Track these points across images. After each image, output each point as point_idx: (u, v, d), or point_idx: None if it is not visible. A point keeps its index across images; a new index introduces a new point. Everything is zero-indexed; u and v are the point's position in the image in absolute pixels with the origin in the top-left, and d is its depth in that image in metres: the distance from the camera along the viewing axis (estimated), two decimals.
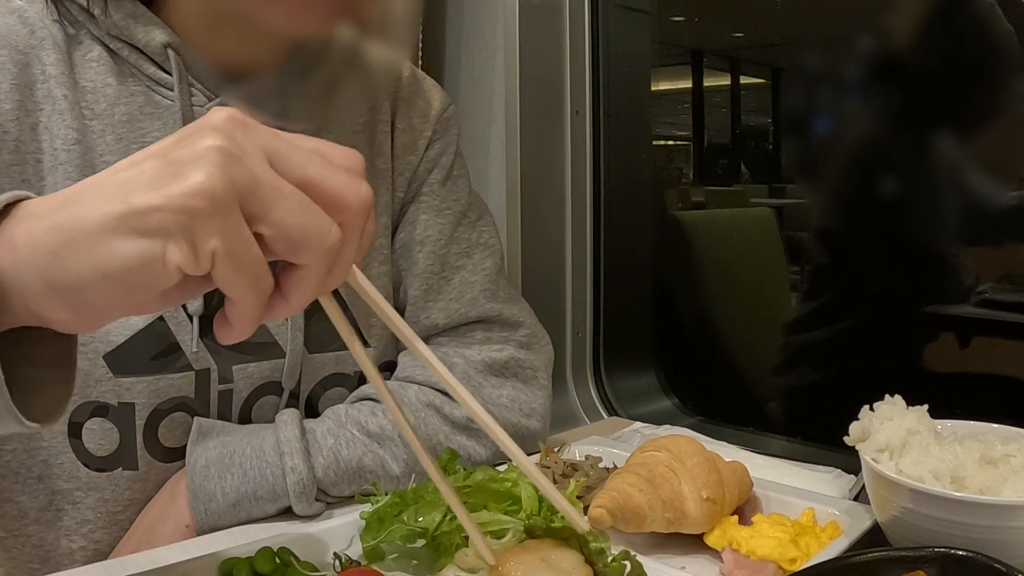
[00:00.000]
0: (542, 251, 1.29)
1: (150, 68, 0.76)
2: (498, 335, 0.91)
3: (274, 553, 0.64)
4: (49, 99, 0.73)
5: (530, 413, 0.89)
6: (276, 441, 0.78)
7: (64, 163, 0.73)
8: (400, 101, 0.92)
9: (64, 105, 0.73)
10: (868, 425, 0.70)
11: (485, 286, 0.91)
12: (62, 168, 0.73)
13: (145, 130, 0.76)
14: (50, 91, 0.73)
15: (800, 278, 1.36)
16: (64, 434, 0.75)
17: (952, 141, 1.13)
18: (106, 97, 0.75)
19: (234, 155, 0.44)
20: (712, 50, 1.50)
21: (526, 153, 1.25)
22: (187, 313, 0.77)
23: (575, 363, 1.34)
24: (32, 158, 0.72)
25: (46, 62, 0.74)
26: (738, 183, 1.50)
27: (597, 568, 0.57)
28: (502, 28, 1.24)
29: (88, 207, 0.44)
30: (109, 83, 0.76)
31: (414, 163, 0.92)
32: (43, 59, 0.74)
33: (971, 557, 0.57)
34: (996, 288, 1.12)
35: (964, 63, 1.10)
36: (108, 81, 0.76)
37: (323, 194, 0.46)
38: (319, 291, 0.48)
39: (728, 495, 0.73)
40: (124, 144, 0.76)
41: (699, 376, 1.42)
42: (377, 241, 0.89)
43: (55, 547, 0.77)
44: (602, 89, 1.31)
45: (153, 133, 0.77)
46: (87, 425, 0.75)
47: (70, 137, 0.73)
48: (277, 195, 0.45)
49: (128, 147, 0.76)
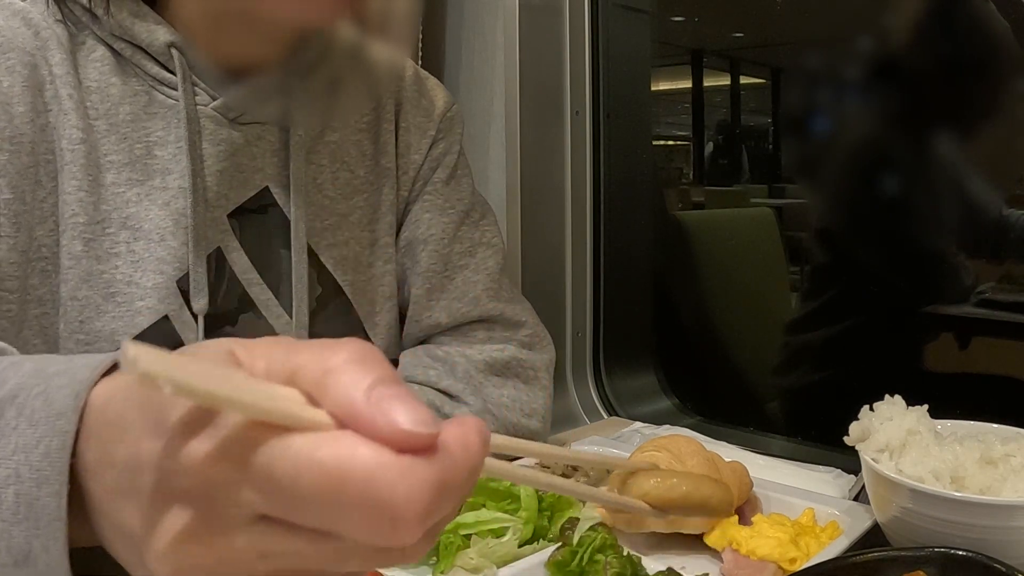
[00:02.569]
0: (542, 251, 1.29)
1: (153, 68, 0.76)
2: (500, 335, 0.91)
3: None
4: (56, 100, 0.73)
5: (531, 413, 0.89)
6: None
7: (70, 163, 0.73)
8: (404, 100, 0.92)
9: (70, 105, 0.74)
10: (868, 425, 0.70)
11: (488, 285, 0.91)
12: (68, 168, 0.73)
13: (149, 129, 0.76)
14: (56, 91, 0.73)
15: (800, 278, 1.36)
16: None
17: (951, 141, 1.13)
18: (110, 97, 0.75)
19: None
20: (712, 50, 1.50)
21: (526, 153, 1.25)
22: (192, 312, 0.77)
23: (575, 363, 1.34)
24: (44, 159, 0.73)
25: (52, 62, 0.74)
26: (738, 183, 1.51)
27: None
28: (502, 28, 1.24)
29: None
30: (113, 83, 0.76)
31: (418, 162, 0.92)
32: (49, 60, 0.74)
33: (971, 557, 0.57)
34: (996, 288, 1.12)
35: (963, 63, 1.10)
36: (112, 81, 0.76)
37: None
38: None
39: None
40: (129, 144, 0.76)
41: (699, 376, 1.42)
42: (382, 240, 0.89)
43: None
44: (602, 89, 1.31)
45: (157, 133, 0.77)
46: None
47: (75, 137, 0.73)
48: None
49: (132, 146, 0.76)
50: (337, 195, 0.86)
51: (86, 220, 0.73)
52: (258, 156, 0.81)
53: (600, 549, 0.64)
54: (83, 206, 0.73)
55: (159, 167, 0.76)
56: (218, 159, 0.78)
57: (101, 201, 0.74)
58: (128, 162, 0.75)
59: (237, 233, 0.80)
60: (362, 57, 0.81)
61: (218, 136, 0.78)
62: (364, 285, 0.87)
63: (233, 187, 0.79)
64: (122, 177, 0.75)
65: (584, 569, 0.63)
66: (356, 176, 0.87)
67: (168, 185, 0.76)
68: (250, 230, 0.81)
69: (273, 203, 0.82)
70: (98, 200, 0.74)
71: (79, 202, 0.73)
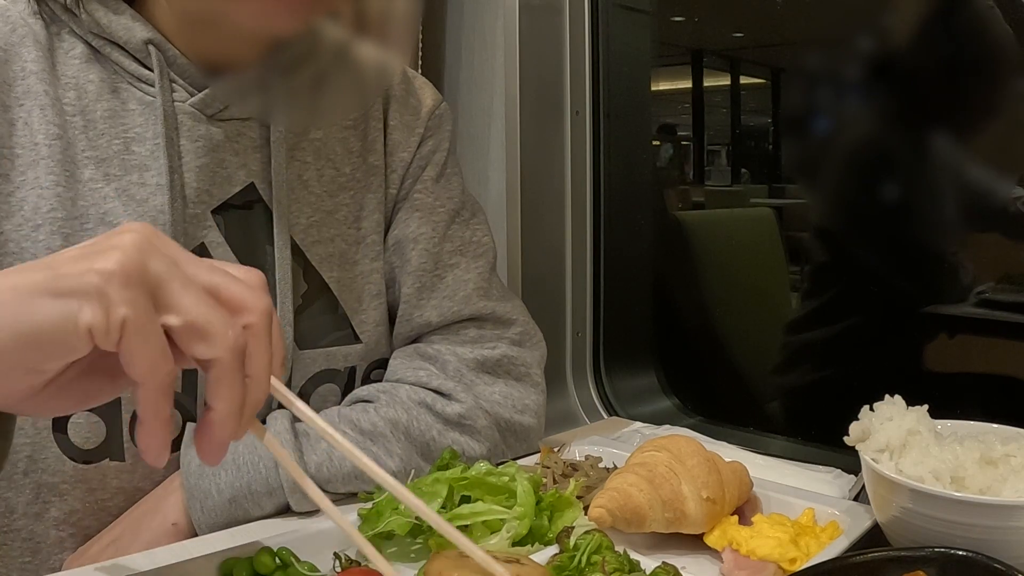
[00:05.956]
0: (542, 251, 1.29)
1: (131, 65, 0.76)
2: (491, 333, 0.91)
3: (274, 553, 0.64)
4: (29, 95, 0.74)
5: (523, 409, 0.89)
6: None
7: (46, 158, 0.73)
8: (392, 98, 0.92)
9: (46, 100, 0.74)
10: (868, 425, 0.70)
11: (478, 284, 0.91)
12: (44, 163, 0.73)
13: (127, 126, 0.77)
14: (30, 87, 0.74)
15: (800, 278, 1.36)
16: (49, 429, 0.75)
17: (951, 141, 1.13)
18: (87, 93, 0.76)
19: (149, 249, 0.48)
20: (712, 50, 1.49)
21: (526, 153, 1.25)
22: None
23: (575, 363, 1.34)
24: (13, 154, 0.73)
25: (26, 59, 0.74)
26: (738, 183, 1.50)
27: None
28: (502, 28, 1.24)
29: (14, 275, 0.47)
30: (90, 79, 0.76)
31: (407, 160, 0.92)
32: (23, 56, 0.74)
33: (971, 557, 0.57)
34: (996, 288, 1.12)
35: (963, 63, 1.10)
36: (90, 78, 0.76)
37: (225, 299, 0.50)
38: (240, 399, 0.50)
39: (728, 495, 0.73)
40: (107, 139, 0.76)
41: (699, 376, 1.42)
42: (369, 238, 0.89)
43: (44, 538, 0.77)
44: (602, 89, 1.31)
45: (135, 129, 0.77)
46: (73, 419, 0.75)
47: (52, 132, 0.74)
48: (185, 288, 0.48)
49: (110, 142, 0.76)
50: (323, 192, 0.86)
51: (64, 216, 0.73)
52: (241, 152, 0.81)
53: (596, 550, 0.64)
54: (61, 201, 0.73)
55: (136, 163, 0.76)
56: (197, 155, 0.78)
57: (79, 197, 0.75)
58: (105, 158, 0.76)
59: (222, 229, 0.80)
60: (350, 57, 0.81)
61: (196, 132, 0.78)
62: (350, 282, 0.87)
63: (216, 183, 0.79)
64: (99, 173, 0.75)
65: (583, 571, 0.63)
66: (342, 173, 0.87)
67: (146, 182, 0.76)
68: (235, 226, 0.81)
69: (259, 199, 0.82)
70: (75, 196, 0.74)
71: (57, 197, 0.73)
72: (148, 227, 0.50)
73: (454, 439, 0.84)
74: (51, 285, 0.46)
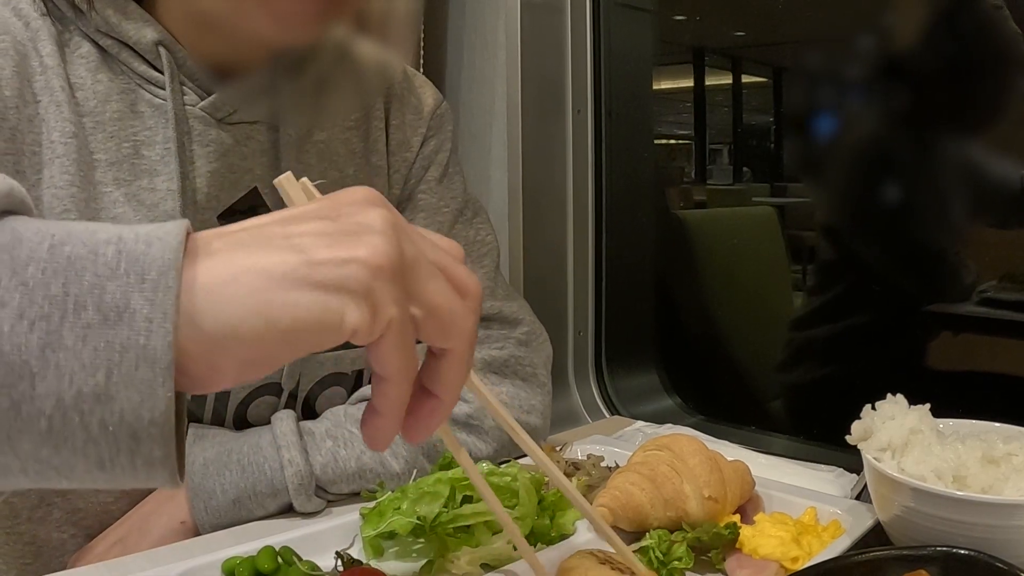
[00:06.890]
0: (544, 250, 1.29)
1: (140, 66, 0.75)
2: (497, 333, 0.91)
3: (276, 552, 0.64)
4: (47, 90, 0.72)
5: (530, 410, 0.89)
6: (273, 436, 0.78)
7: (62, 156, 0.72)
8: (393, 98, 0.92)
9: (62, 97, 0.72)
10: (870, 424, 0.70)
11: (484, 284, 0.91)
12: (59, 161, 0.72)
13: (136, 129, 0.75)
14: (48, 82, 0.72)
15: (802, 277, 1.36)
16: None
17: (954, 141, 1.13)
18: (96, 94, 0.74)
19: (399, 231, 0.43)
20: (714, 49, 1.49)
21: (528, 152, 1.25)
22: None
23: (577, 362, 1.34)
24: (29, 150, 0.71)
25: (43, 53, 0.72)
26: (740, 182, 1.50)
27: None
28: (503, 27, 1.24)
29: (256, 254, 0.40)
30: (99, 80, 0.74)
31: (409, 160, 0.91)
32: (40, 50, 0.72)
33: (973, 556, 0.57)
34: (998, 287, 1.11)
35: (966, 62, 1.09)
36: (98, 78, 0.74)
37: (452, 281, 0.46)
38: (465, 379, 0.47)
39: (730, 494, 0.73)
40: (116, 142, 0.75)
41: (701, 375, 1.42)
42: None
43: (47, 541, 0.77)
44: (604, 88, 1.31)
45: (144, 133, 0.75)
46: None
47: (67, 130, 0.72)
48: (431, 275, 0.44)
49: (120, 145, 0.75)
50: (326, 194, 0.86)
51: (77, 217, 0.72)
52: (248, 156, 0.80)
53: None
54: (75, 202, 0.72)
55: (146, 168, 0.75)
56: (207, 160, 0.77)
57: (91, 199, 0.73)
58: (115, 161, 0.74)
59: None
60: (352, 58, 0.81)
61: (207, 137, 0.77)
62: None
63: (223, 188, 0.79)
64: (108, 176, 0.74)
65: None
66: (345, 175, 0.87)
67: (156, 187, 0.75)
68: None
69: (262, 204, 0.81)
70: (88, 198, 0.73)
71: (71, 197, 0.72)
72: (381, 196, 0.44)
73: (462, 439, 0.84)
74: (309, 275, 0.40)
